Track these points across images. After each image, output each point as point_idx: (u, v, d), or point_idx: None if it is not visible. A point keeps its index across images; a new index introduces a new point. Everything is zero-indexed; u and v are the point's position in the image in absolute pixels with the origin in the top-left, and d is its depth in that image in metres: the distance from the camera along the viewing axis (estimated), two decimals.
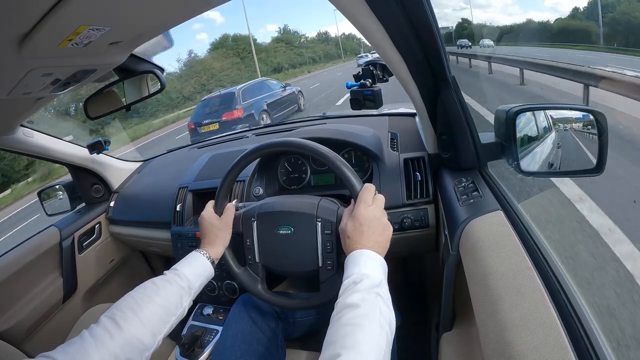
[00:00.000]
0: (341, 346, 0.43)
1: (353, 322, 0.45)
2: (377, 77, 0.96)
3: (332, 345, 0.44)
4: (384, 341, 0.45)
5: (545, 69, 6.29)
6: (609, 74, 4.33)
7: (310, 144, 0.68)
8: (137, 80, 0.88)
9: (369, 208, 0.59)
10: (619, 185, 2.31)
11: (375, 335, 0.44)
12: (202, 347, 0.96)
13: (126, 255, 1.51)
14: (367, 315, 0.46)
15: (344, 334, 0.44)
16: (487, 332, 0.43)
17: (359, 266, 0.53)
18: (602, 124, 0.62)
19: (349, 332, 0.44)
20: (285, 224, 0.72)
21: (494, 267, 0.49)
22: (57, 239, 1.26)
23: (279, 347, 0.81)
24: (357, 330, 0.44)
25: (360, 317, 0.46)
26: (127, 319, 0.52)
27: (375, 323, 0.45)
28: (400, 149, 1.04)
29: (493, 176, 0.80)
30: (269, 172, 1.13)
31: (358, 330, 0.44)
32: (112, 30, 0.48)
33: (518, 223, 0.59)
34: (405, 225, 0.92)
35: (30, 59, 0.49)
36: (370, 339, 0.44)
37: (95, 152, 1.31)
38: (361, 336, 0.43)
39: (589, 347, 0.38)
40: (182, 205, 1.15)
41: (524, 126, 0.71)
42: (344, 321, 0.46)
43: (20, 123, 1.02)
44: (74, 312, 1.27)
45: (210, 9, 0.55)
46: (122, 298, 0.56)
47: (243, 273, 0.76)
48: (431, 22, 0.59)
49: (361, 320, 0.45)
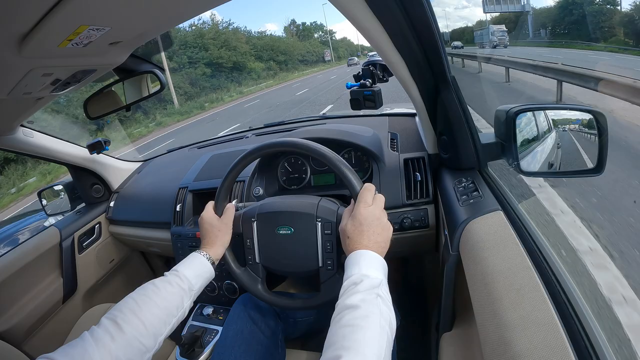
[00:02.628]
0: (341, 347, 0.43)
1: (353, 324, 0.45)
2: (377, 77, 0.96)
3: (333, 347, 0.44)
4: (385, 342, 0.45)
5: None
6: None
7: (310, 144, 0.68)
8: (137, 80, 0.88)
9: (369, 208, 0.59)
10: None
11: (375, 335, 0.44)
12: (202, 347, 0.96)
13: (126, 255, 1.51)
14: (367, 316, 0.46)
15: (343, 335, 0.44)
16: (487, 332, 0.43)
17: (359, 267, 0.53)
18: (602, 124, 0.62)
19: (348, 333, 0.44)
20: (285, 224, 0.72)
21: (494, 267, 0.49)
22: (57, 239, 1.26)
23: (279, 347, 0.81)
24: (357, 331, 0.44)
25: (360, 318, 0.46)
26: (128, 320, 0.52)
27: (375, 324, 0.45)
28: (400, 149, 1.04)
29: (493, 176, 0.80)
30: (269, 172, 1.13)
31: (358, 331, 0.44)
32: (112, 30, 0.48)
33: (518, 223, 0.59)
34: (405, 226, 0.92)
35: (30, 59, 0.49)
36: (370, 339, 0.44)
37: (95, 152, 1.31)
38: (361, 337, 0.43)
39: (588, 347, 0.38)
40: (182, 205, 1.15)
41: (524, 126, 0.71)
42: (344, 322, 0.46)
43: (20, 123, 1.02)
44: (74, 312, 1.27)
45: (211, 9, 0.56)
46: (122, 299, 0.56)
47: (243, 273, 0.76)
48: (431, 22, 0.59)
49: (361, 321, 0.45)
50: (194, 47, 24.10)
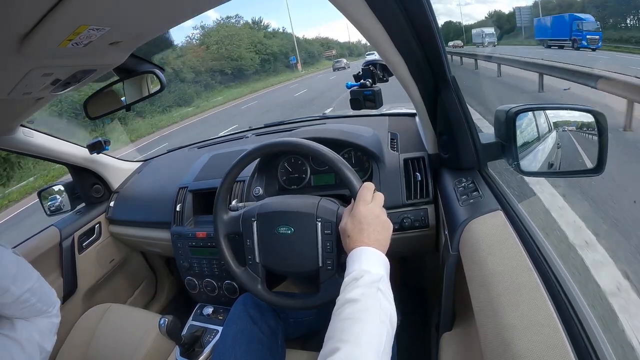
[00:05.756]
0: (340, 340, 0.43)
1: (352, 317, 0.45)
2: (377, 77, 0.96)
3: (332, 340, 0.44)
4: (385, 335, 0.45)
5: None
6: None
7: (311, 144, 0.68)
8: (137, 80, 0.88)
9: (368, 206, 0.59)
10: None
11: (375, 328, 0.44)
12: (202, 347, 0.97)
13: (126, 255, 1.51)
14: (366, 310, 0.46)
15: (342, 329, 0.44)
16: (487, 332, 0.43)
17: (359, 263, 0.53)
18: (602, 124, 0.62)
19: (347, 326, 0.44)
20: (285, 224, 0.72)
21: (494, 267, 0.49)
22: (57, 239, 1.26)
23: (279, 346, 0.81)
24: (356, 324, 0.44)
25: (360, 311, 0.46)
26: None
27: (375, 317, 0.45)
28: (400, 149, 1.04)
29: (493, 176, 0.80)
30: (269, 172, 1.13)
31: (357, 324, 0.44)
32: (112, 30, 0.48)
33: (518, 223, 0.59)
34: (405, 226, 0.92)
35: (30, 59, 0.49)
36: (369, 332, 0.44)
37: (95, 152, 1.31)
38: (360, 330, 0.43)
39: (588, 347, 0.38)
40: (182, 205, 1.15)
41: (525, 126, 0.71)
42: (343, 316, 0.46)
43: (20, 123, 1.02)
44: (74, 312, 1.27)
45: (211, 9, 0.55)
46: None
47: (243, 273, 0.76)
48: (431, 22, 0.59)
49: (360, 314, 0.45)
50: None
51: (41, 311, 0.78)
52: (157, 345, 1.00)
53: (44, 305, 0.78)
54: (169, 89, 19.60)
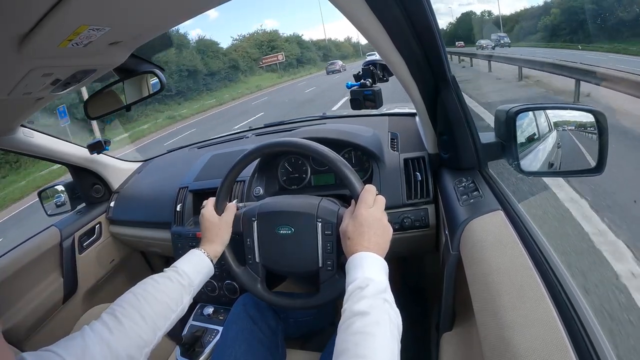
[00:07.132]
0: (355, 355, 0.42)
1: (364, 331, 0.44)
2: (377, 77, 0.96)
3: (345, 354, 0.43)
4: (396, 348, 0.44)
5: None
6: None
7: (311, 144, 0.68)
8: (137, 80, 0.88)
9: (370, 209, 0.59)
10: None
11: (387, 342, 0.44)
12: (202, 347, 0.97)
13: (126, 255, 1.51)
14: (378, 323, 0.45)
15: (356, 343, 0.43)
16: (487, 332, 0.43)
17: (362, 270, 0.52)
18: (603, 123, 0.62)
19: (361, 340, 0.43)
20: (286, 224, 0.71)
21: (495, 266, 0.49)
22: (58, 239, 1.26)
23: (279, 347, 0.81)
24: (369, 338, 0.43)
25: (371, 325, 0.45)
26: (127, 314, 0.52)
27: (386, 330, 0.45)
28: (400, 149, 1.04)
29: (493, 176, 0.80)
30: (269, 172, 1.13)
31: (370, 339, 0.43)
32: (112, 30, 0.48)
33: (518, 223, 0.59)
34: (406, 225, 0.92)
35: (30, 59, 0.49)
36: (384, 347, 0.43)
37: (96, 152, 1.31)
38: (374, 344, 0.43)
39: (589, 346, 0.38)
40: (182, 205, 1.15)
41: (525, 126, 0.71)
42: (354, 329, 0.45)
43: (21, 123, 1.02)
44: (75, 312, 1.27)
45: (211, 9, 0.55)
46: (123, 294, 0.56)
47: (243, 273, 0.76)
48: (431, 22, 0.59)
49: (372, 328, 0.45)
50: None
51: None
52: (158, 345, 1.00)
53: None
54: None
